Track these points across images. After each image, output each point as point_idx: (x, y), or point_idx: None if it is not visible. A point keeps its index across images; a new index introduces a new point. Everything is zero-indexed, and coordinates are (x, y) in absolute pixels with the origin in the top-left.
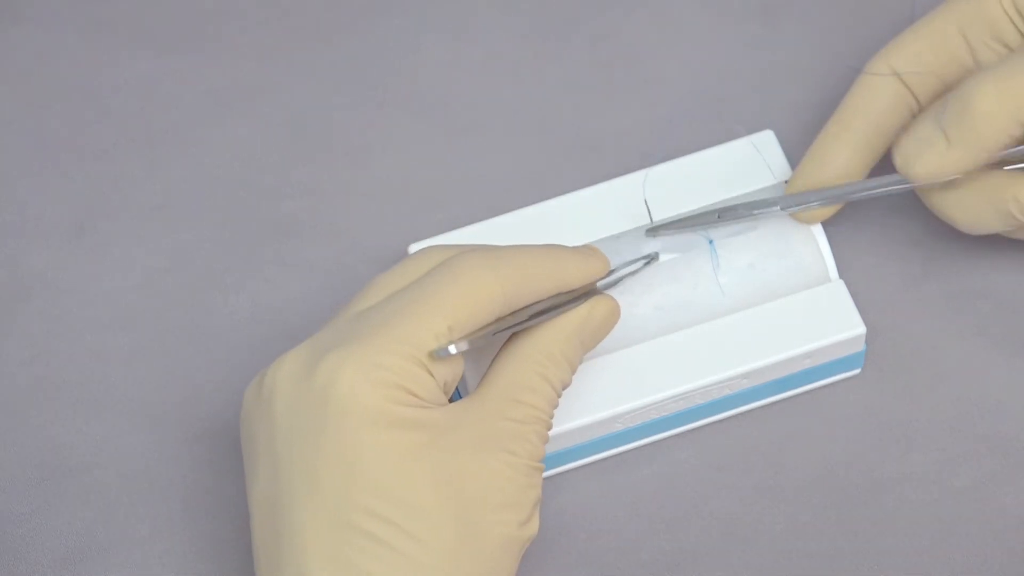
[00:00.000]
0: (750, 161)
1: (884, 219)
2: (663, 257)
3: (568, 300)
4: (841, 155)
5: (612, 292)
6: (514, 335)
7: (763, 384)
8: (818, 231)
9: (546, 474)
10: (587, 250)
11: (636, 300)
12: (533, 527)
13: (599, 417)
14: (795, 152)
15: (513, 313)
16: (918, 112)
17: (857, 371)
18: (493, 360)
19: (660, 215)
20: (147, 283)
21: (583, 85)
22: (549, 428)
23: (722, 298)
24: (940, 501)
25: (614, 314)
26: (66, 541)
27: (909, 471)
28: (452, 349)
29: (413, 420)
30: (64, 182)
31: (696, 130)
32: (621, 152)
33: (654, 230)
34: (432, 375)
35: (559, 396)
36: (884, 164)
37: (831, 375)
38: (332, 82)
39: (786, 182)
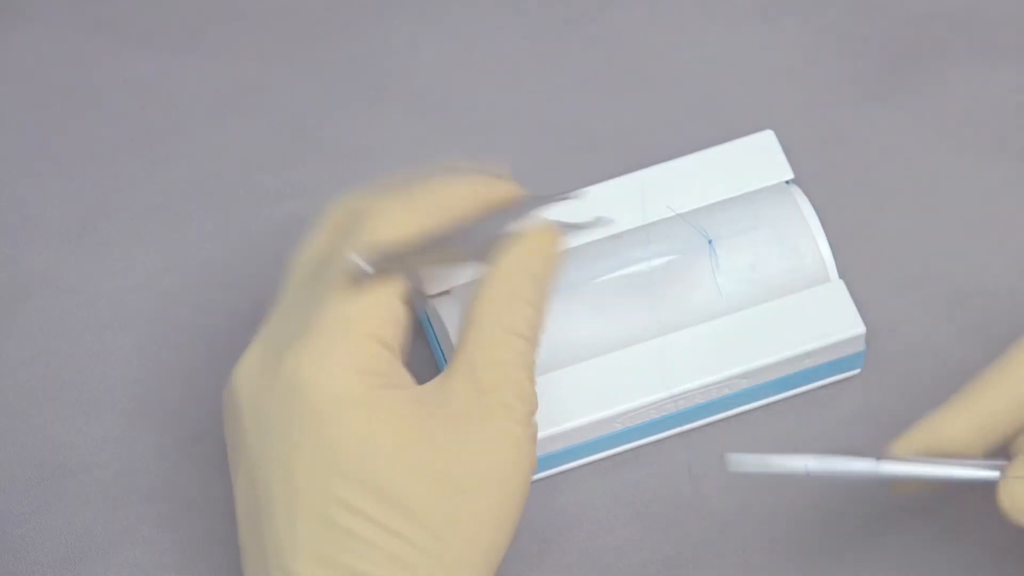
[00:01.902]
0: (750, 161)
1: (884, 219)
2: (662, 259)
3: (499, 220)
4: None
5: (607, 286)
6: (469, 302)
7: (763, 384)
8: (818, 231)
9: (546, 474)
10: (493, 176)
11: (636, 300)
12: (529, 478)
13: (599, 417)
14: (795, 152)
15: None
16: None
17: (857, 371)
18: (459, 335)
19: (660, 215)
20: (147, 283)
21: (583, 85)
22: (533, 380)
23: (721, 298)
24: (940, 501)
25: (556, 242)
26: (66, 541)
27: None
28: (360, 261)
29: (384, 400)
30: (64, 182)
31: (696, 130)
32: (621, 152)
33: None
34: (388, 347)
35: (536, 343)
36: None
37: (831, 375)
38: (332, 82)
39: (787, 181)
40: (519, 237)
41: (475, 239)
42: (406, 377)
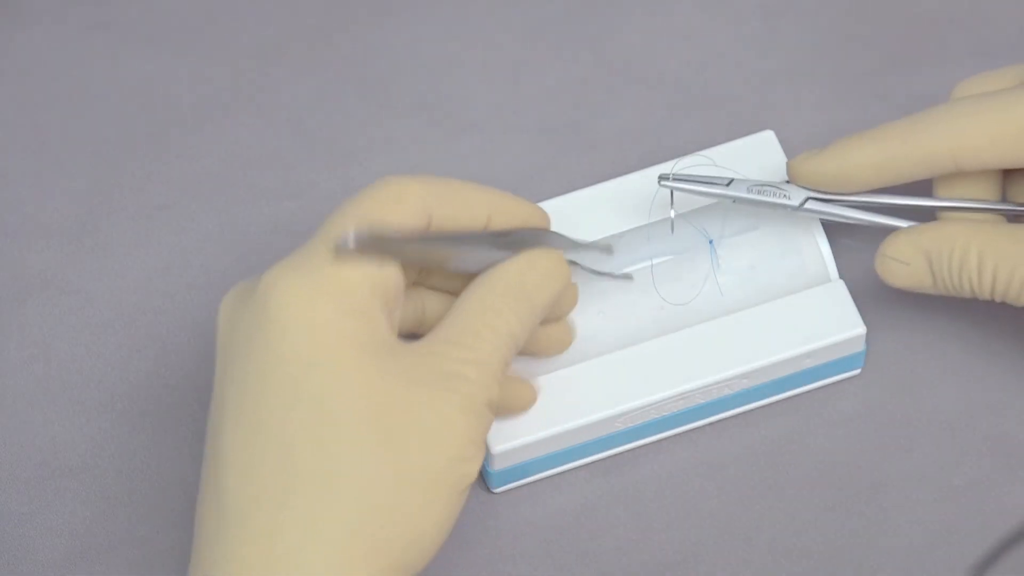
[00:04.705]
0: (750, 161)
1: None
2: (662, 258)
3: (508, 245)
4: (874, 161)
5: (607, 286)
6: (462, 293)
7: (763, 384)
8: (818, 231)
9: (546, 474)
10: (528, 202)
11: (636, 300)
12: (470, 467)
13: (599, 417)
14: (795, 152)
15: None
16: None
17: (857, 371)
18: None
19: (661, 214)
20: (147, 283)
21: (583, 85)
22: (497, 379)
23: (722, 298)
24: (940, 501)
25: (558, 268)
26: (66, 541)
27: (909, 471)
28: (350, 237)
29: (351, 331)
30: (64, 182)
31: (696, 130)
32: (621, 152)
33: (666, 177)
34: (373, 289)
35: (510, 349)
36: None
37: (831, 375)
38: (332, 82)
39: (787, 182)
40: (524, 253)
41: (481, 253)
42: (383, 327)
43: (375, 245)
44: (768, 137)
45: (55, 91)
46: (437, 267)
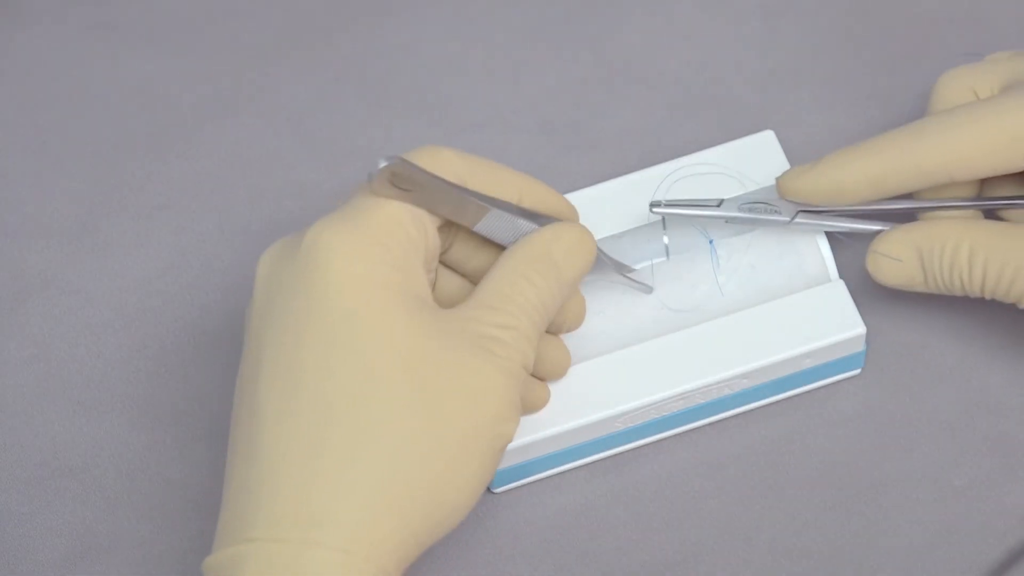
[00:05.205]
0: (750, 161)
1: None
2: (662, 259)
3: (536, 220)
4: (870, 175)
5: (607, 287)
6: (493, 265)
7: (763, 384)
8: (818, 231)
9: (546, 474)
10: (561, 195)
11: (636, 300)
12: (508, 427)
13: (599, 417)
14: (795, 152)
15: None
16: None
17: (857, 371)
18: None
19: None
20: (147, 283)
21: (583, 85)
22: (532, 344)
23: (722, 298)
24: (940, 501)
25: (584, 241)
26: (66, 541)
27: (909, 471)
28: (381, 162)
29: (394, 288)
30: (64, 182)
31: (696, 130)
32: (621, 152)
33: (657, 204)
34: (412, 243)
35: (542, 316)
36: None
37: (831, 375)
38: (332, 82)
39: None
40: (551, 226)
41: (508, 220)
42: (423, 285)
43: (407, 178)
44: (768, 137)
45: (55, 91)
46: (466, 222)
